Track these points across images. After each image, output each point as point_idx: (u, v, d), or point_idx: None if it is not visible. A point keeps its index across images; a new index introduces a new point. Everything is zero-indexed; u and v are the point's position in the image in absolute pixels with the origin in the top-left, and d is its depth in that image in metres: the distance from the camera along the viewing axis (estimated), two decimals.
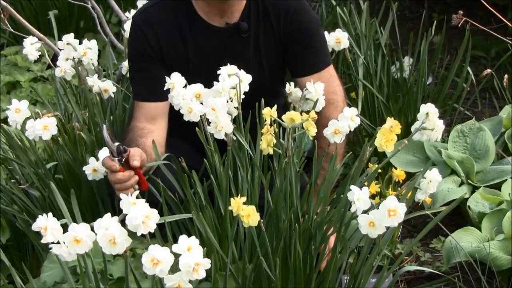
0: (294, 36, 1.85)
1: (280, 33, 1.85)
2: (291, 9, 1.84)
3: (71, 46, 2.09)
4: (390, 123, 1.47)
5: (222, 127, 1.54)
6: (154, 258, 1.21)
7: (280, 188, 1.56)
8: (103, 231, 1.24)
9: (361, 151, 1.56)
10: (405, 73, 2.64)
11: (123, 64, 2.28)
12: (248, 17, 1.85)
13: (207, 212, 1.66)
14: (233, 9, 1.84)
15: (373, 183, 1.85)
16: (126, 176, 1.61)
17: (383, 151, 1.49)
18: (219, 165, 1.65)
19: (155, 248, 1.22)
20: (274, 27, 1.85)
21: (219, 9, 1.83)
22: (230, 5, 1.82)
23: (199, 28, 1.83)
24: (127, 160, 1.62)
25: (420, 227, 2.22)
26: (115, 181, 1.61)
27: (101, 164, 1.69)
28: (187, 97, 1.61)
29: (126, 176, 1.61)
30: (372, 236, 1.35)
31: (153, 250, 1.22)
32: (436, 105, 1.59)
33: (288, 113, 1.51)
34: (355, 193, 1.36)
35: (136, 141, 1.75)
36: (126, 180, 1.61)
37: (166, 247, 1.23)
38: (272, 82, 1.91)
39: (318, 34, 1.89)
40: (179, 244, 1.23)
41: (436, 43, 2.83)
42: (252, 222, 1.39)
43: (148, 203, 1.26)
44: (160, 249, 1.22)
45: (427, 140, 1.59)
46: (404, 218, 1.35)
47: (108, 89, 2.08)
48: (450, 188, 2.08)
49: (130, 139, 1.77)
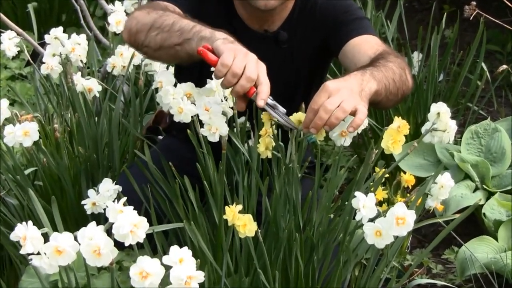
0: (332, 24, 1.83)
1: (320, 29, 1.84)
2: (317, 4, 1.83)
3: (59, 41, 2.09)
4: (397, 123, 1.47)
5: (217, 129, 1.54)
6: (143, 270, 1.21)
7: (279, 194, 1.56)
8: (87, 241, 1.24)
9: (367, 154, 1.56)
10: (414, 69, 2.64)
11: (108, 60, 2.28)
12: (290, 25, 1.82)
13: (200, 221, 1.66)
14: (275, 18, 1.82)
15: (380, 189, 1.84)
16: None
17: (391, 153, 1.49)
18: (213, 170, 1.65)
19: (145, 260, 1.22)
20: (314, 25, 1.84)
21: (256, 17, 1.80)
22: (271, 14, 1.80)
23: (236, 28, 1.80)
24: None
25: (432, 236, 2.22)
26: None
27: (100, 198, 1.68)
28: (178, 96, 1.61)
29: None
30: (379, 246, 1.35)
31: (142, 262, 1.22)
32: (448, 104, 1.60)
33: (296, 115, 1.51)
34: (360, 200, 1.36)
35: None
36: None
37: (156, 259, 1.22)
38: (305, 92, 1.90)
39: (351, 9, 1.86)
40: (170, 255, 1.23)
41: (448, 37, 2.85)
42: (248, 232, 1.39)
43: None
44: (150, 261, 1.22)
45: (438, 142, 1.59)
46: (413, 227, 1.35)
47: (92, 88, 2.08)
48: (464, 194, 2.09)
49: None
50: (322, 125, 1.42)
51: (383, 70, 1.55)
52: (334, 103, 1.42)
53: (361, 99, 1.46)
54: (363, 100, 1.47)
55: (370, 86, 1.49)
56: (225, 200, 1.64)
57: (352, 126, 1.43)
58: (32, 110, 2.39)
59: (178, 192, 1.65)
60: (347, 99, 1.43)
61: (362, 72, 1.52)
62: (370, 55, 1.65)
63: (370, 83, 1.49)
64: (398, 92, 1.59)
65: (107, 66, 2.29)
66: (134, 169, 1.83)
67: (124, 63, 2.23)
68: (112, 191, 1.67)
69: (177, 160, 1.79)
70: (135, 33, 1.63)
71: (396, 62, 1.60)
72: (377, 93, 1.51)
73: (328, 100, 1.42)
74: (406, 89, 1.63)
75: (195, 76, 1.66)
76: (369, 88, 1.49)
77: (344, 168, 1.66)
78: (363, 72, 1.52)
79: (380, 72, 1.54)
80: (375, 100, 1.52)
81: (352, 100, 1.43)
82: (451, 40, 2.61)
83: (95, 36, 2.83)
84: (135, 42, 1.65)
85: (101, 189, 1.68)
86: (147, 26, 1.60)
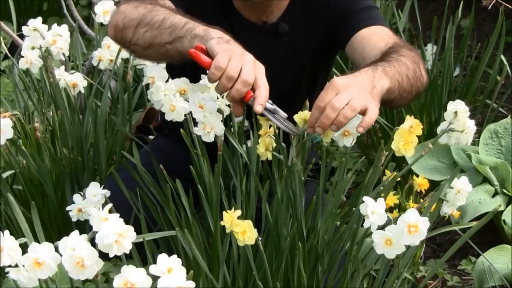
0: (337, 15, 1.82)
1: (324, 21, 1.83)
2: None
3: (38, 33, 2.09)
4: (409, 122, 1.47)
5: (212, 128, 1.54)
6: (127, 281, 1.21)
7: (281, 199, 1.56)
8: (69, 252, 1.24)
9: (376, 156, 1.56)
10: (428, 63, 2.65)
11: (94, 53, 2.29)
12: (291, 16, 1.82)
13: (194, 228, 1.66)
14: (273, 8, 1.81)
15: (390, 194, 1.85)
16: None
17: (402, 155, 1.49)
18: (208, 173, 1.65)
19: (129, 270, 1.21)
20: (318, 17, 1.83)
21: (252, 6, 1.80)
22: (268, 4, 1.80)
23: (232, 20, 1.81)
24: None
25: (447, 245, 2.22)
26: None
27: (87, 203, 1.67)
28: (170, 92, 1.61)
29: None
30: (390, 256, 1.36)
31: (126, 272, 1.22)
32: (464, 101, 1.60)
33: (301, 113, 1.51)
34: (369, 206, 1.37)
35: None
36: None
37: (142, 269, 1.22)
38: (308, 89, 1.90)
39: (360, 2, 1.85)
40: (158, 264, 1.23)
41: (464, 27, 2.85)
42: (248, 240, 1.39)
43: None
44: (135, 271, 1.22)
45: (455, 143, 1.59)
46: (427, 235, 1.35)
47: (77, 83, 2.08)
48: (482, 199, 2.09)
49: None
50: (329, 124, 1.42)
51: (396, 65, 1.55)
52: (343, 100, 1.42)
53: (372, 97, 1.46)
54: (374, 99, 1.46)
55: (382, 84, 1.49)
56: (221, 206, 1.64)
57: (361, 126, 1.43)
58: (10, 108, 2.40)
59: (170, 197, 1.65)
60: (357, 96, 1.43)
61: (373, 68, 1.52)
62: (381, 48, 1.65)
63: (382, 80, 1.49)
64: (412, 89, 1.59)
65: (93, 59, 2.29)
66: (123, 172, 1.83)
67: (111, 56, 2.23)
68: (99, 196, 1.67)
69: (169, 162, 1.79)
70: (121, 29, 1.63)
71: (410, 56, 1.60)
72: (389, 90, 1.51)
73: (336, 97, 1.42)
74: (420, 86, 1.63)
75: (189, 71, 1.66)
76: (381, 85, 1.49)
77: (351, 171, 1.67)
78: (374, 68, 1.52)
79: (393, 67, 1.54)
80: (387, 98, 1.52)
81: (362, 98, 1.43)
82: (468, 31, 2.61)
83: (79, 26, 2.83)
84: (121, 39, 1.65)
85: (88, 194, 1.67)
86: (135, 22, 1.60)
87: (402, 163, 2.46)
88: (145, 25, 1.59)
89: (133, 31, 1.61)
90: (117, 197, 1.70)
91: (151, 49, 1.60)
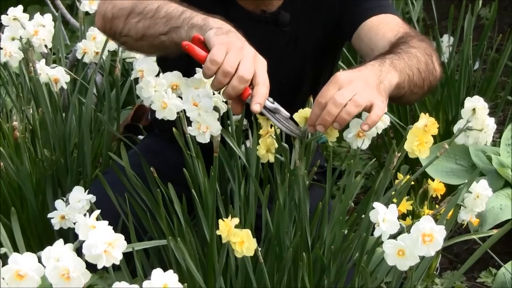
0: (343, 2, 1.82)
1: (329, 9, 1.83)
2: None
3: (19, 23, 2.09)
4: (424, 120, 1.47)
5: (207, 127, 1.54)
6: None
7: (283, 205, 1.56)
8: (53, 263, 1.24)
9: (388, 158, 1.56)
10: (444, 56, 2.65)
11: (78, 45, 2.29)
12: (292, 5, 1.82)
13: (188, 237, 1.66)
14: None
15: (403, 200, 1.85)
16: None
17: (416, 157, 1.49)
18: (203, 176, 1.65)
19: (120, 285, 1.22)
20: (321, 5, 1.83)
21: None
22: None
23: (229, 9, 1.81)
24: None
25: (465, 256, 2.23)
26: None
27: (70, 210, 1.67)
28: (161, 88, 1.61)
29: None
30: (402, 268, 1.36)
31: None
32: (484, 97, 1.60)
33: (301, 111, 1.51)
34: (379, 213, 1.37)
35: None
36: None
37: (135, 285, 1.22)
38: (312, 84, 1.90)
39: None
40: (152, 280, 1.23)
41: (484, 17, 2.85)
42: (247, 251, 1.39)
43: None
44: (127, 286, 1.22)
45: (473, 143, 1.59)
46: (443, 245, 1.35)
47: (59, 78, 2.08)
48: (504, 205, 2.09)
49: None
50: (331, 121, 1.41)
51: (406, 58, 1.55)
52: (346, 96, 1.41)
53: (379, 93, 1.46)
54: (381, 94, 1.46)
55: (390, 78, 1.49)
56: (218, 212, 1.64)
57: (367, 124, 1.42)
58: None
59: (161, 203, 1.66)
60: (361, 92, 1.42)
61: (381, 61, 1.51)
62: (390, 38, 1.65)
63: (390, 74, 1.49)
64: (424, 84, 1.59)
65: (77, 52, 2.29)
66: (110, 175, 1.83)
67: (97, 49, 2.23)
68: (84, 202, 1.67)
69: (160, 164, 1.79)
70: (110, 19, 1.63)
71: (421, 47, 1.60)
72: (399, 86, 1.51)
73: (339, 93, 1.42)
74: (433, 80, 1.63)
75: (182, 64, 1.66)
76: (389, 80, 1.49)
77: (360, 175, 1.67)
78: (381, 61, 1.52)
79: (402, 60, 1.53)
80: (397, 94, 1.52)
81: (367, 94, 1.43)
82: (489, 21, 2.61)
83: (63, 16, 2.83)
84: (110, 30, 1.65)
85: (71, 199, 1.67)
86: (126, 11, 1.59)
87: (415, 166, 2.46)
88: (137, 15, 1.59)
89: (123, 21, 1.61)
90: (104, 203, 1.69)
91: (144, 41, 1.59)
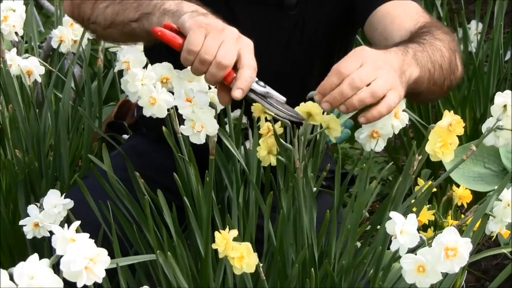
0: None
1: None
2: None
3: None
4: (448, 119, 1.48)
5: (202, 126, 1.55)
6: None
7: (287, 215, 1.57)
8: (27, 280, 1.24)
9: (407, 161, 1.57)
10: (472, 45, 2.65)
11: (53, 33, 2.30)
12: None
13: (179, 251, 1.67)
14: None
15: (424, 208, 1.86)
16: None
17: (439, 160, 1.50)
18: (197, 182, 1.66)
19: None
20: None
21: None
22: None
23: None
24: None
25: (494, 272, 2.23)
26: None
27: (44, 216, 1.67)
28: (149, 81, 1.62)
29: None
30: (423, 285, 1.36)
31: None
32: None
33: (304, 105, 1.51)
34: (397, 223, 1.38)
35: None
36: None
37: None
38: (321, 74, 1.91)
39: None
40: None
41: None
42: (247, 268, 1.39)
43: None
44: None
45: (504, 145, 1.60)
46: (469, 260, 1.36)
47: (32, 70, 2.09)
48: None
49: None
50: (340, 102, 1.42)
51: (429, 51, 1.56)
52: (364, 78, 1.42)
53: (401, 83, 1.47)
54: (402, 86, 1.48)
55: (411, 71, 1.50)
56: (213, 223, 1.65)
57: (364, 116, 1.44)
58: None
59: (148, 212, 1.66)
60: (384, 76, 1.43)
61: (404, 50, 1.52)
62: (409, 28, 1.65)
63: (411, 67, 1.50)
64: (444, 83, 1.60)
65: (52, 40, 2.30)
66: (90, 180, 1.84)
67: (75, 36, 2.24)
68: (61, 208, 1.67)
69: (148, 168, 1.80)
70: (78, 4, 1.64)
71: (446, 41, 1.61)
72: (417, 81, 1.52)
73: (359, 71, 1.42)
74: (454, 80, 1.64)
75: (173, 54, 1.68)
76: (410, 73, 1.50)
77: (375, 180, 1.67)
78: (404, 50, 1.52)
79: (426, 53, 1.54)
80: (414, 90, 1.53)
81: (388, 81, 1.43)
82: None
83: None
84: (79, 16, 1.66)
85: (46, 204, 1.67)
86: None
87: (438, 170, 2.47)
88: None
89: (91, 7, 1.62)
90: (83, 212, 1.70)
91: (113, 29, 1.61)
